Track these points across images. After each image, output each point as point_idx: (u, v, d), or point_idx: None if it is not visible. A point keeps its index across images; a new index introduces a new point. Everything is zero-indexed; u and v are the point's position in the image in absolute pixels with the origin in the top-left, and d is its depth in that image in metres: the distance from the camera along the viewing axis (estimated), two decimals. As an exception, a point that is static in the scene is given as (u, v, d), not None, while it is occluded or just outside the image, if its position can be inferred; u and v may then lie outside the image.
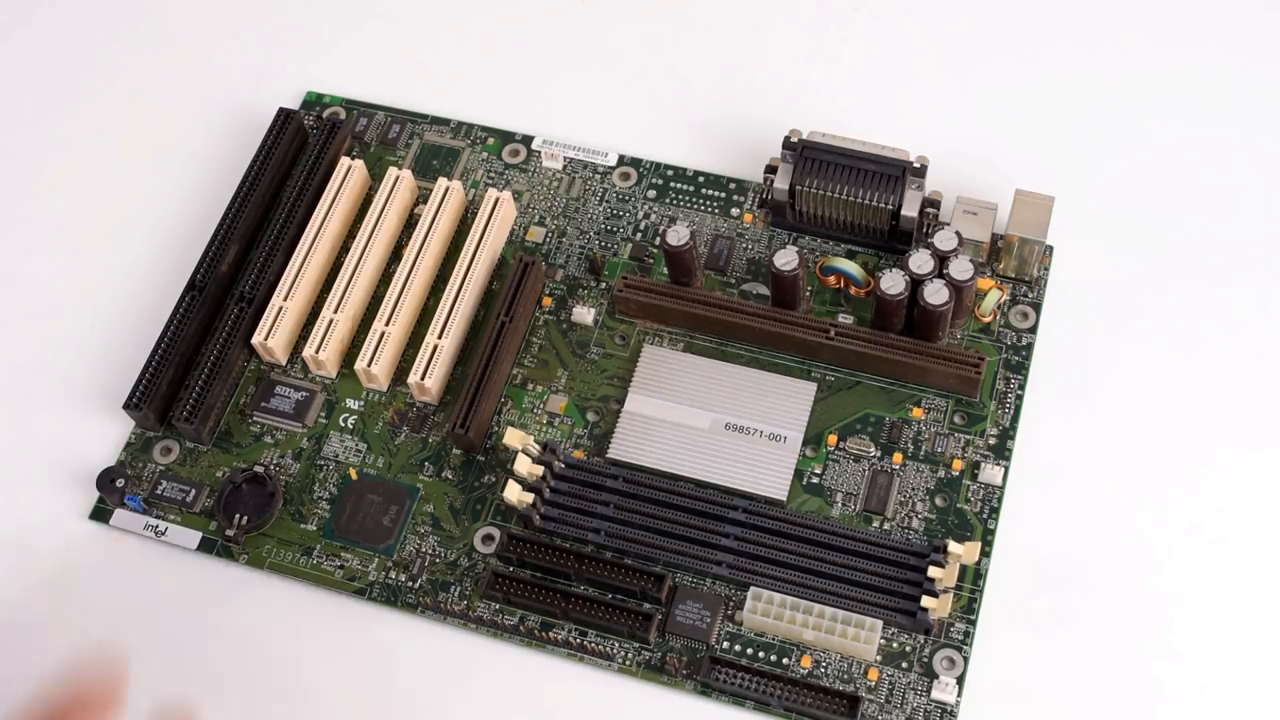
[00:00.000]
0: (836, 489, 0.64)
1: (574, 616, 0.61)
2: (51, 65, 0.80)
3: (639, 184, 0.72)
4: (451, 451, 0.66)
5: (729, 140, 0.73)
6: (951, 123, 0.73)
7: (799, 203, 0.68)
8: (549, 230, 0.71)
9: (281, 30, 0.80)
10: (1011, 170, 0.70)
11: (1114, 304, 0.68)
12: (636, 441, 0.65)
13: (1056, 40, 0.76)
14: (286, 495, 0.65)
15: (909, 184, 0.67)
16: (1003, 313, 0.67)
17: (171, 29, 0.81)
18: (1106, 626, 0.61)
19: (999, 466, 0.63)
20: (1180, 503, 0.63)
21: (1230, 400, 0.65)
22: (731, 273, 0.69)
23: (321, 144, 0.72)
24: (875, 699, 0.59)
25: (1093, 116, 0.73)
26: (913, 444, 0.64)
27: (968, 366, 0.64)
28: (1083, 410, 0.65)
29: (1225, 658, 0.60)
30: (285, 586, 0.64)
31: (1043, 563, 0.62)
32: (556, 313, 0.69)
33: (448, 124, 0.75)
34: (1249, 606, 0.61)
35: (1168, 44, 0.75)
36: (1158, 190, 0.71)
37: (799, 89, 0.75)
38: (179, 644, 0.63)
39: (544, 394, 0.67)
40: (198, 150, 0.76)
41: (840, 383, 0.66)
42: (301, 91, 0.77)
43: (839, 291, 0.68)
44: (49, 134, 0.78)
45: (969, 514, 0.63)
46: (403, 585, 0.63)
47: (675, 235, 0.66)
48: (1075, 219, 0.69)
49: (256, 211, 0.71)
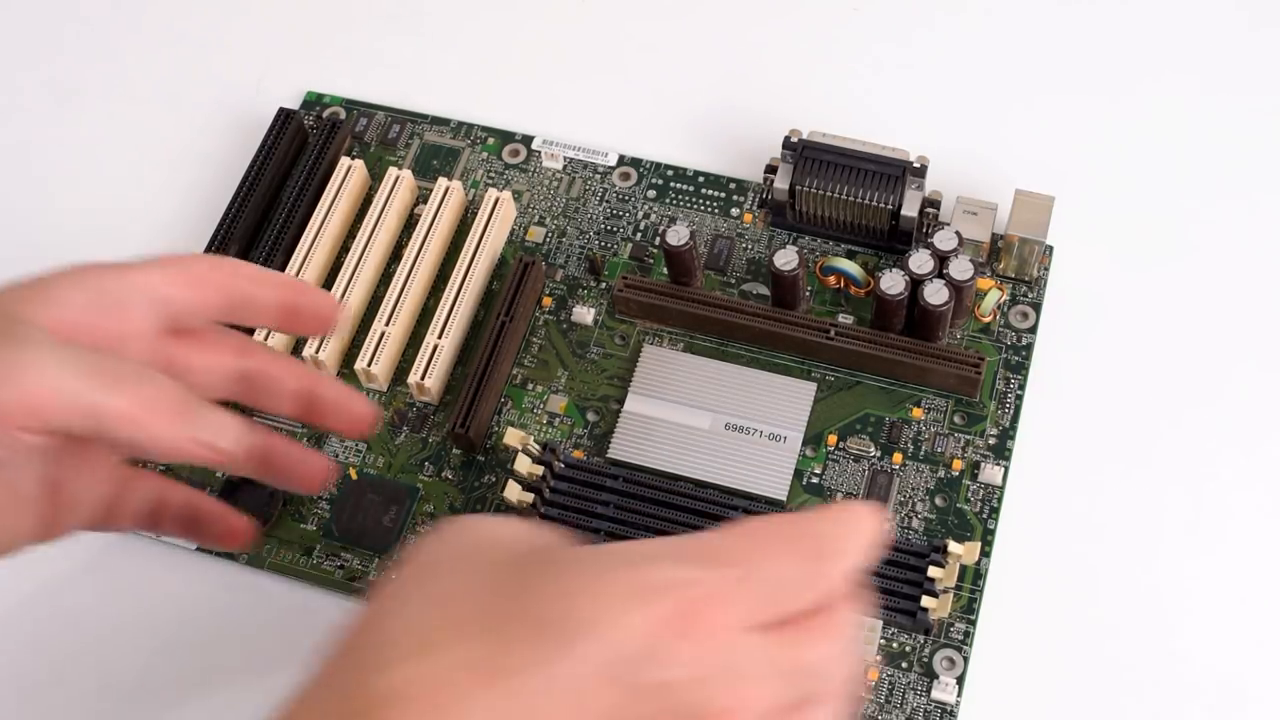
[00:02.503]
0: (836, 489, 0.64)
1: (574, 616, 0.61)
2: (51, 65, 0.80)
3: (639, 184, 0.72)
4: (451, 451, 0.66)
5: (729, 140, 0.73)
6: (951, 123, 0.73)
7: (799, 203, 0.68)
8: (549, 230, 0.71)
9: (281, 30, 0.80)
10: (1011, 170, 0.70)
11: (1114, 304, 0.68)
12: (636, 441, 0.65)
13: (1056, 40, 0.76)
14: (286, 496, 0.65)
15: (909, 184, 0.67)
16: (1003, 313, 0.67)
17: (171, 29, 0.81)
18: (1106, 626, 0.61)
19: (999, 466, 0.63)
20: (1181, 502, 0.63)
21: (1231, 400, 0.65)
22: (731, 273, 0.69)
23: (321, 144, 0.72)
24: (875, 699, 0.59)
25: (1093, 116, 0.73)
26: (913, 444, 0.64)
27: (968, 366, 0.64)
28: (1083, 410, 0.65)
29: (1226, 658, 0.60)
30: (286, 587, 0.64)
31: (1043, 562, 0.62)
32: (556, 313, 0.69)
33: (448, 124, 0.75)
34: (1250, 607, 0.61)
35: (1168, 44, 0.75)
36: (1158, 190, 0.71)
37: (799, 89, 0.75)
38: (179, 645, 0.63)
39: (544, 394, 0.67)
40: (198, 150, 0.76)
41: (840, 383, 0.66)
42: (301, 91, 0.77)
43: (839, 291, 0.68)
44: (49, 134, 0.78)
45: (969, 514, 0.63)
46: (403, 585, 0.63)
47: (675, 235, 0.66)
48: (1075, 219, 0.69)
49: (256, 211, 0.71)
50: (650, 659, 0.38)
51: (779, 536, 0.42)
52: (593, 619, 0.38)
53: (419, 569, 0.42)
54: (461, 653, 0.38)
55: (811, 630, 0.42)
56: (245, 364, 0.56)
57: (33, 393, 0.46)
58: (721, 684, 0.39)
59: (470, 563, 0.41)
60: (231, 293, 0.54)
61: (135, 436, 0.48)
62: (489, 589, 0.40)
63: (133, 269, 0.52)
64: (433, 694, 0.37)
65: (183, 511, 0.57)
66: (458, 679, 0.37)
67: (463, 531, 0.43)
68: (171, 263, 0.53)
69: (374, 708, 0.37)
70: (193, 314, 0.54)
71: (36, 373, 0.47)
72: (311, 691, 0.40)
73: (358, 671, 0.39)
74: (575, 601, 0.38)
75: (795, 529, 0.42)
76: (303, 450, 0.56)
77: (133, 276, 0.52)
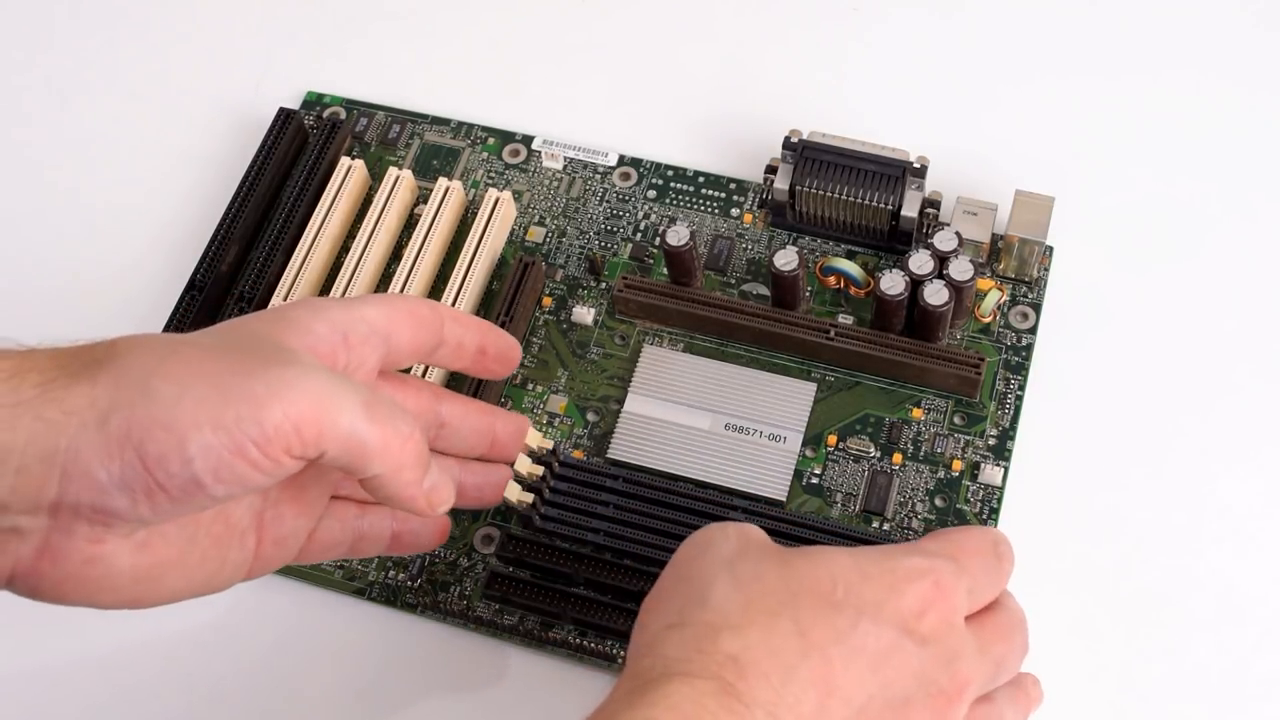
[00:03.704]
0: (836, 489, 0.64)
1: (574, 617, 0.61)
2: (52, 65, 0.80)
3: (639, 184, 0.72)
4: (451, 451, 0.66)
5: (729, 140, 0.73)
6: (951, 123, 0.73)
7: (799, 203, 0.68)
8: (549, 230, 0.71)
9: (281, 30, 0.80)
10: (1011, 170, 0.70)
11: (1114, 304, 0.68)
12: (636, 442, 0.65)
13: (1057, 40, 0.76)
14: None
15: (909, 184, 0.67)
16: (1003, 313, 0.67)
17: (171, 29, 0.81)
18: (1106, 625, 0.61)
19: (999, 467, 0.63)
20: (1181, 501, 0.63)
21: (1231, 400, 0.65)
22: (731, 273, 0.69)
23: (321, 144, 0.72)
24: (875, 699, 0.59)
25: (1093, 116, 0.73)
26: (912, 444, 0.64)
27: (968, 367, 0.64)
28: (1083, 410, 0.65)
29: (1226, 658, 0.60)
30: (285, 586, 0.64)
31: (1042, 563, 0.62)
32: (556, 313, 0.69)
33: (448, 124, 0.75)
34: (1250, 607, 0.61)
35: (1168, 44, 0.75)
36: (1157, 190, 0.71)
37: (799, 89, 0.75)
38: (180, 646, 0.63)
39: (544, 394, 0.67)
40: (198, 150, 0.76)
41: (840, 383, 0.66)
42: (301, 91, 0.77)
43: (839, 292, 0.68)
44: (49, 134, 0.78)
45: (969, 514, 0.63)
46: (402, 585, 0.63)
47: (675, 235, 0.66)
48: (1075, 219, 0.69)
49: (256, 211, 0.71)
50: (919, 619, 0.48)
51: (971, 536, 0.52)
52: (880, 601, 0.48)
53: (717, 559, 0.49)
54: (781, 625, 0.46)
55: (999, 626, 0.52)
56: (440, 409, 0.57)
57: (304, 415, 0.45)
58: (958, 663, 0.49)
59: (758, 555, 0.49)
60: (444, 335, 0.55)
61: (384, 474, 0.49)
62: (786, 575, 0.48)
63: (360, 304, 0.52)
64: (767, 658, 0.46)
65: (378, 536, 0.57)
66: (782, 646, 0.46)
67: (739, 530, 0.51)
68: (395, 301, 0.54)
69: (724, 665, 0.45)
70: (408, 354, 0.54)
71: (307, 395, 0.45)
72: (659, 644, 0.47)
73: (706, 635, 0.46)
74: (863, 589, 0.48)
75: (979, 533, 0.53)
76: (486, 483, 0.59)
77: (362, 311, 0.52)
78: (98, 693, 0.63)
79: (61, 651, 0.63)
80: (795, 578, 0.48)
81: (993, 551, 0.52)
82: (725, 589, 0.48)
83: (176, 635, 0.63)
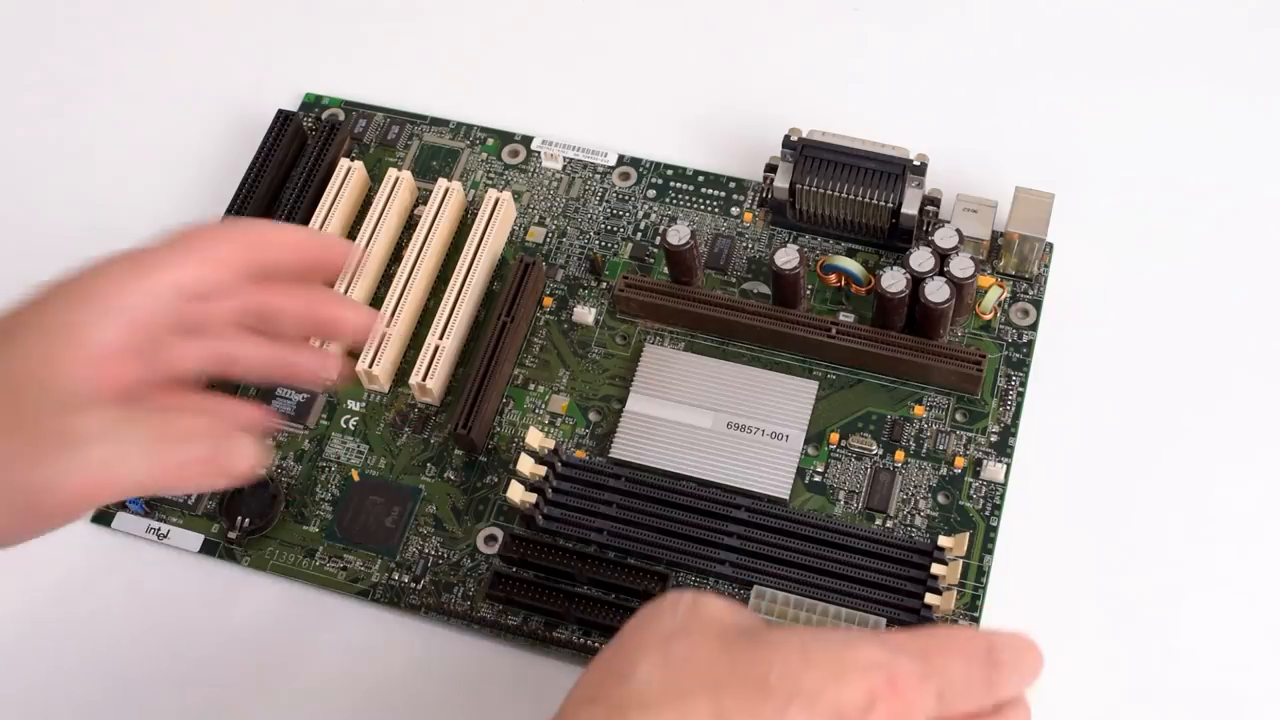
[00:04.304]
0: (839, 487, 0.64)
1: (577, 617, 0.61)
2: (52, 65, 0.80)
3: (639, 184, 0.72)
4: (454, 452, 0.66)
5: (729, 139, 0.73)
6: (952, 121, 0.73)
7: (799, 201, 0.68)
8: (549, 230, 0.71)
9: (281, 31, 0.80)
10: (1011, 167, 0.70)
11: (1114, 300, 0.68)
12: (638, 441, 0.65)
13: (1056, 38, 0.76)
14: (289, 497, 0.65)
15: (909, 182, 0.67)
16: (1003, 310, 0.67)
17: (172, 29, 0.81)
18: (1108, 623, 0.61)
19: (1001, 463, 0.63)
20: (1183, 498, 0.63)
21: (1231, 396, 0.65)
22: (732, 272, 0.69)
23: (321, 145, 0.72)
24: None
25: (1093, 113, 0.73)
26: (914, 441, 0.64)
27: (969, 364, 0.64)
28: (1084, 406, 0.65)
29: (1227, 658, 0.60)
30: (288, 588, 0.64)
31: (1045, 559, 0.62)
32: (557, 313, 0.69)
33: (447, 125, 0.75)
34: (1251, 607, 0.61)
35: (1168, 41, 0.75)
36: (1157, 187, 0.71)
37: (799, 88, 0.75)
38: (182, 646, 0.63)
39: (546, 394, 0.67)
40: (198, 151, 0.76)
41: (842, 381, 0.66)
42: (300, 93, 0.77)
43: (840, 290, 0.68)
44: (49, 134, 0.78)
45: (971, 511, 0.63)
46: (406, 586, 0.63)
47: (676, 235, 0.66)
48: (1075, 216, 0.69)
49: (256, 212, 0.71)
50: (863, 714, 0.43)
51: (956, 637, 0.47)
52: (817, 689, 0.44)
53: (655, 634, 0.46)
54: (698, 708, 0.43)
55: None
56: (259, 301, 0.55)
57: (89, 492, 0.48)
58: None
59: (699, 634, 0.46)
60: (251, 267, 0.54)
61: None
62: (721, 658, 0.45)
63: (154, 270, 0.51)
64: None
65: None
66: None
67: (690, 605, 0.47)
68: (191, 249, 0.53)
69: None
70: (217, 294, 0.53)
71: (89, 474, 0.48)
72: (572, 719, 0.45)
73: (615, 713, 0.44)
74: (803, 675, 0.44)
75: (968, 635, 0.48)
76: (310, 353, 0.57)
77: (156, 279, 0.51)
78: (98, 693, 0.62)
79: (61, 651, 0.63)
80: (730, 661, 0.45)
81: (984, 658, 0.47)
82: (650, 667, 0.45)
83: (178, 635, 0.63)
